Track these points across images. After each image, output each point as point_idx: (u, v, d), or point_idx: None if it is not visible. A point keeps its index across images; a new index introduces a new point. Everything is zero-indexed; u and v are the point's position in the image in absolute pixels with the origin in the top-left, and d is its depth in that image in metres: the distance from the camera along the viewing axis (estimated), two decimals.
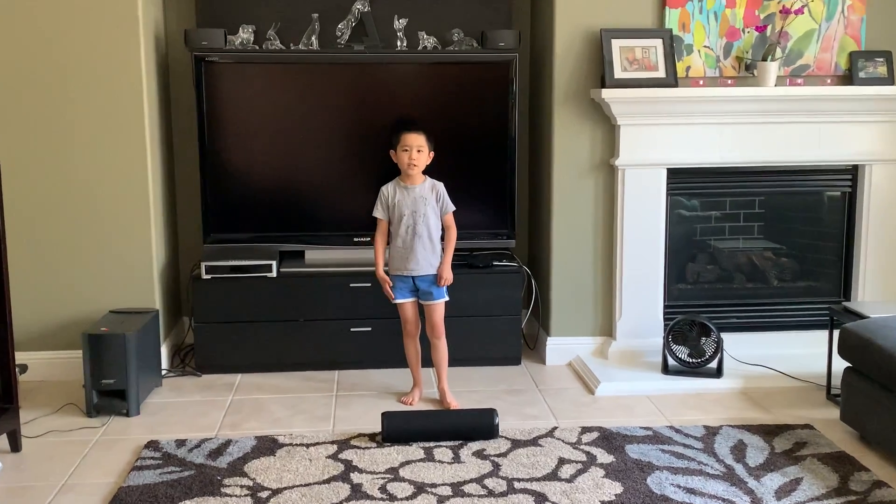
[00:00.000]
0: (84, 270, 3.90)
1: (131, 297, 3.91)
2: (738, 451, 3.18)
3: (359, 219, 3.95)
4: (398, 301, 3.64)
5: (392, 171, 3.66)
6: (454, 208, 3.63)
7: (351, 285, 4.02)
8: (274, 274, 4.01)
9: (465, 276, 3.99)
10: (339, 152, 4.14)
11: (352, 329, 4.05)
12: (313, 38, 4.17)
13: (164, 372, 3.99)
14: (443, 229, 3.63)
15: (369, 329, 4.05)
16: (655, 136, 3.98)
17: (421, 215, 3.56)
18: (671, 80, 3.90)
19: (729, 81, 4.01)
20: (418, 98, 4.11)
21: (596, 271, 4.15)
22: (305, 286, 4.04)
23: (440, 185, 3.62)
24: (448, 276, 3.61)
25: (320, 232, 4.14)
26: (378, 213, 3.63)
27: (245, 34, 4.13)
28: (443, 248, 3.63)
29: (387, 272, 3.64)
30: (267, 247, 4.10)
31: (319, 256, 4.18)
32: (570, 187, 4.07)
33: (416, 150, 3.53)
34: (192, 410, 3.63)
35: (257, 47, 4.15)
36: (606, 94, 3.83)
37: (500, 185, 4.14)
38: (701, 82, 4.00)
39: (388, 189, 3.62)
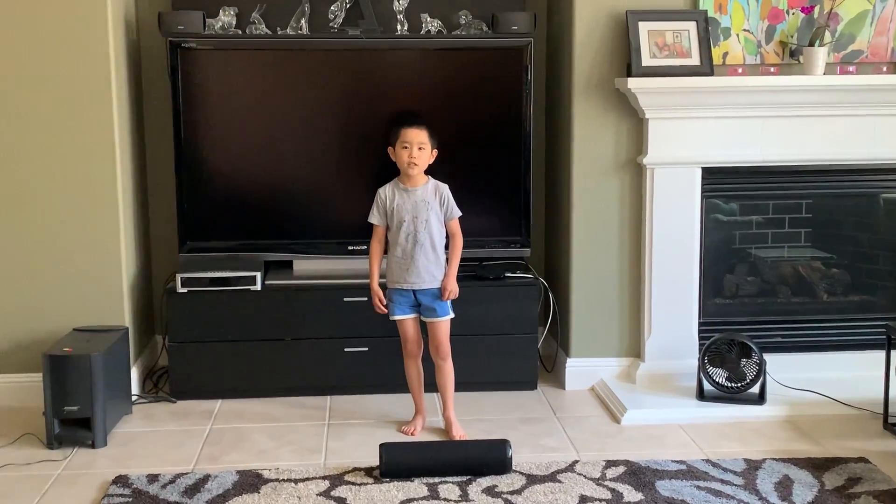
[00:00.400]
0: (44, 283, 3.89)
1: (97, 313, 3.91)
2: (784, 487, 3.15)
3: (354, 225, 3.94)
4: (397, 317, 3.63)
5: (392, 172, 3.66)
6: (460, 214, 3.62)
7: (345, 300, 4.01)
8: (258, 287, 4.01)
9: (473, 290, 3.98)
10: (332, 150, 4.14)
11: (346, 349, 4.04)
12: (303, 21, 4.17)
13: (134, 398, 3.98)
14: (446, 237, 3.62)
15: (366, 349, 4.04)
16: (688, 131, 3.97)
17: (423, 221, 3.55)
18: (706, 68, 3.89)
19: (771, 69, 4.00)
20: (421, 88, 4.11)
21: (622, 284, 4.14)
22: (294, 301, 4.03)
23: (444, 188, 3.61)
24: (454, 288, 3.60)
25: (311, 239, 4.14)
26: (374, 218, 3.62)
27: (226, 17, 4.14)
28: (447, 258, 3.62)
29: (383, 285, 3.63)
30: (251, 256, 4.10)
31: (310, 267, 4.17)
32: (592, 189, 4.06)
33: (417, 147, 3.53)
34: (165, 441, 3.62)
35: (240, 32, 4.16)
36: (633, 83, 3.83)
37: (513, 186, 4.14)
38: (740, 70, 3.99)
39: (385, 192, 3.61)
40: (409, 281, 3.58)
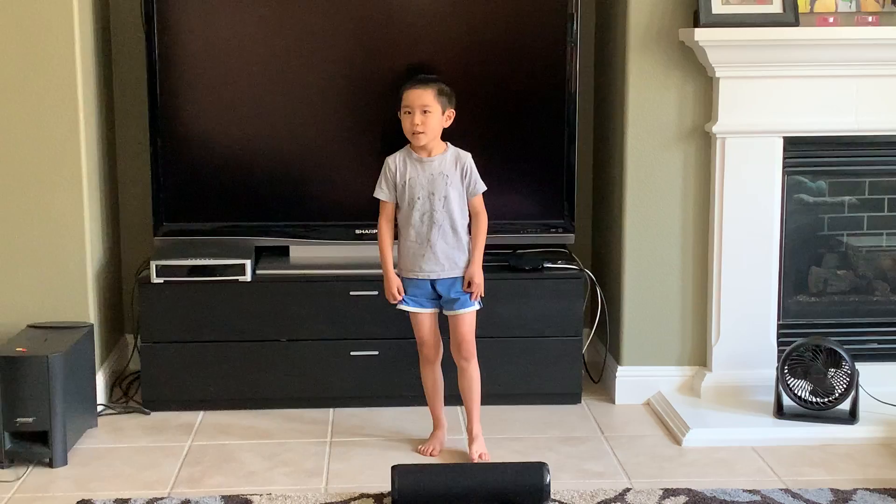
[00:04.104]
0: None
1: (57, 307, 3.93)
2: None
3: (364, 204, 3.94)
4: (410, 310, 3.63)
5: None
6: (485, 188, 3.62)
7: (351, 293, 4.03)
8: (248, 277, 4.02)
9: (505, 283, 3.98)
10: (338, 113, 4.15)
11: (352, 353, 4.06)
12: None
13: (100, 408, 4.01)
14: (468, 216, 3.63)
15: (375, 353, 4.06)
16: (768, 94, 3.96)
17: (440, 198, 3.55)
18: (790, 17, 3.87)
19: (869, 19, 3.97)
20: (442, 40, 4.11)
21: (684, 278, 4.14)
22: (290, 294, 4.05)
23: (467, 157, 3.61)
24: (480, 280, 3.60)
25: (311, 221, 4.16)
26: (381, 193, 3.62)
27: None
28: (469, 240, 3.63)
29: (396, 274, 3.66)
30: (239, 241, 4.12)
31: (310, 254, 4.19)
32: (650, 162, 4.06)
33: (421, 110, 3.53)
34: (137, 460, 3.64)
35: None
36: (701, 35, 3.82)
37: (555, 159, 4.13)
38: (831, 20, 3.96)
39: (395, 161, 3.61)
40: (425, 270, 3.58)
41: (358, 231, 4.10)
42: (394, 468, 3.28)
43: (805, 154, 4.06)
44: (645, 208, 4.09)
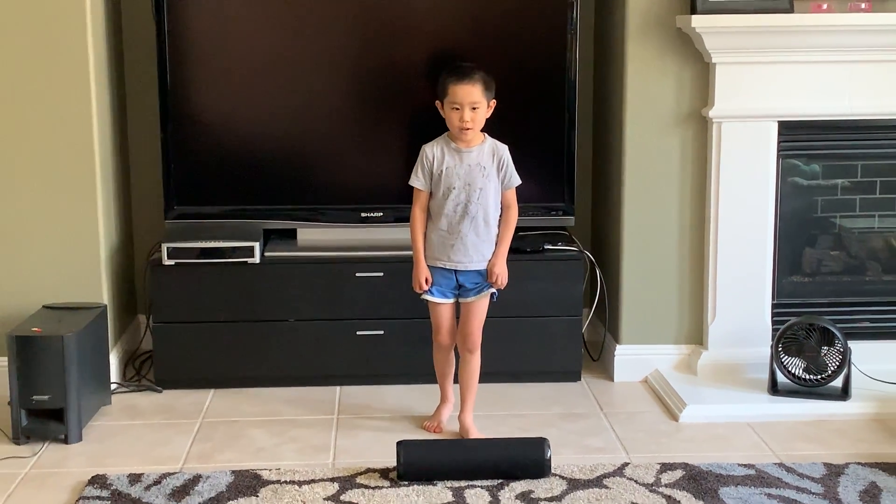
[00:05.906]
0: (8, 253, 3.93)
1: (71, 289, 3.95)
2: (870, 496, 3.16)
3: (369, 188, 3.96)
4: (435, 300, 3.61)
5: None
6: (520, 182, 3.60)
7: (357, 275, 4.04)
8: (257, 259, 4.04)
9: (507, 265, 3.97)
10: (345, 98, 4.16)
11: (358, 332, 4.08)
12: None
13: (113, 386, 4.03)
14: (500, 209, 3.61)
15: (381, 332, 4.07)
16: (763, 79, 3.96)
17: (476, 189, 3.52)
18: (785, 4, 3.87)
19: (862, 6, 3.96)
20: (444, 27, 4.11)
21: (681, 258, 4.15)
22: (298, 276, 4.06)
23: (504, 149, 3.57)
24: (503, 272, 3.57)
25: (318, 204, 4.17)
26: (418, 181, 3.56)
27: None
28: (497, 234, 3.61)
29: None
30: (248, 224, 4.12)
31: (317, 237, 4.19)
32: (648, 146, 4.06)
33: (470, 107, 3.47)
34: (149, 437, 3.67)
35: None
36: (698, 21, 3.82)
37: (555, 144, 4.14)
38: (824, 6, 3.96)
39: (433, 150, 3.55)
40: (453, 260, 3.55)
41: (363, 214, 4.11)
42: (399, 443, 3.30)
43: (799, 138, 4.06)
44: (643, 191, 4.09)
